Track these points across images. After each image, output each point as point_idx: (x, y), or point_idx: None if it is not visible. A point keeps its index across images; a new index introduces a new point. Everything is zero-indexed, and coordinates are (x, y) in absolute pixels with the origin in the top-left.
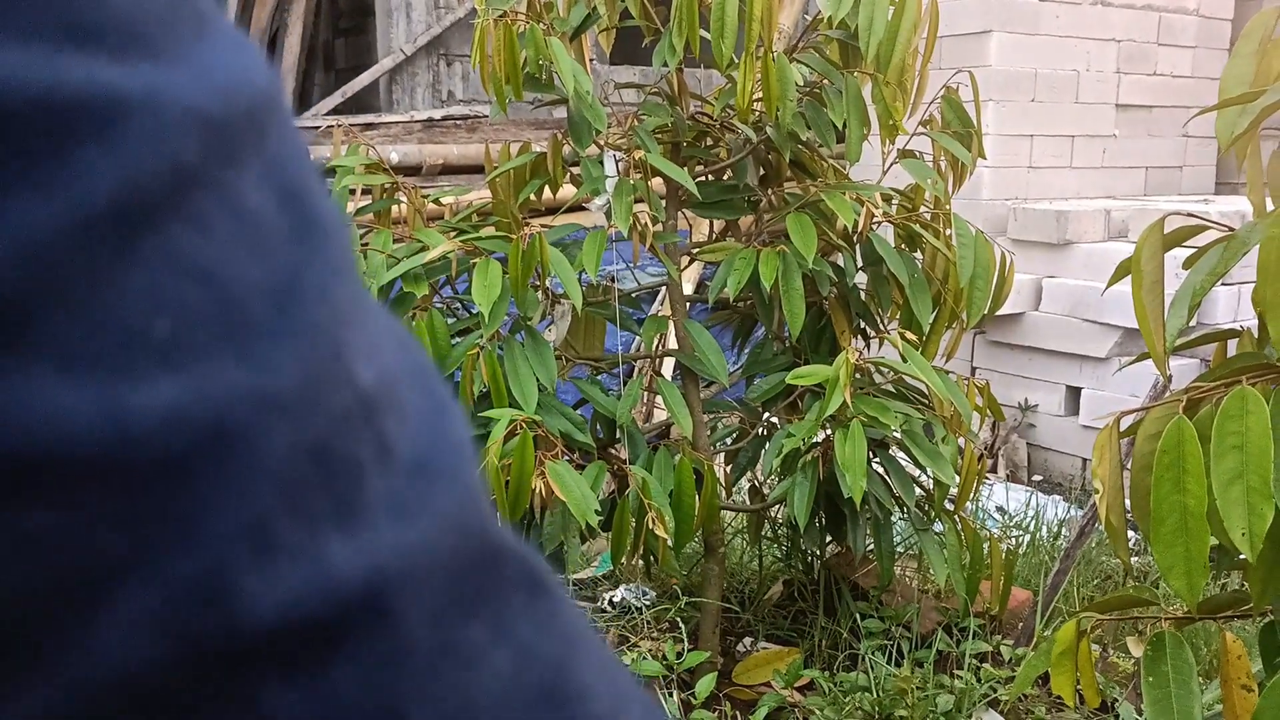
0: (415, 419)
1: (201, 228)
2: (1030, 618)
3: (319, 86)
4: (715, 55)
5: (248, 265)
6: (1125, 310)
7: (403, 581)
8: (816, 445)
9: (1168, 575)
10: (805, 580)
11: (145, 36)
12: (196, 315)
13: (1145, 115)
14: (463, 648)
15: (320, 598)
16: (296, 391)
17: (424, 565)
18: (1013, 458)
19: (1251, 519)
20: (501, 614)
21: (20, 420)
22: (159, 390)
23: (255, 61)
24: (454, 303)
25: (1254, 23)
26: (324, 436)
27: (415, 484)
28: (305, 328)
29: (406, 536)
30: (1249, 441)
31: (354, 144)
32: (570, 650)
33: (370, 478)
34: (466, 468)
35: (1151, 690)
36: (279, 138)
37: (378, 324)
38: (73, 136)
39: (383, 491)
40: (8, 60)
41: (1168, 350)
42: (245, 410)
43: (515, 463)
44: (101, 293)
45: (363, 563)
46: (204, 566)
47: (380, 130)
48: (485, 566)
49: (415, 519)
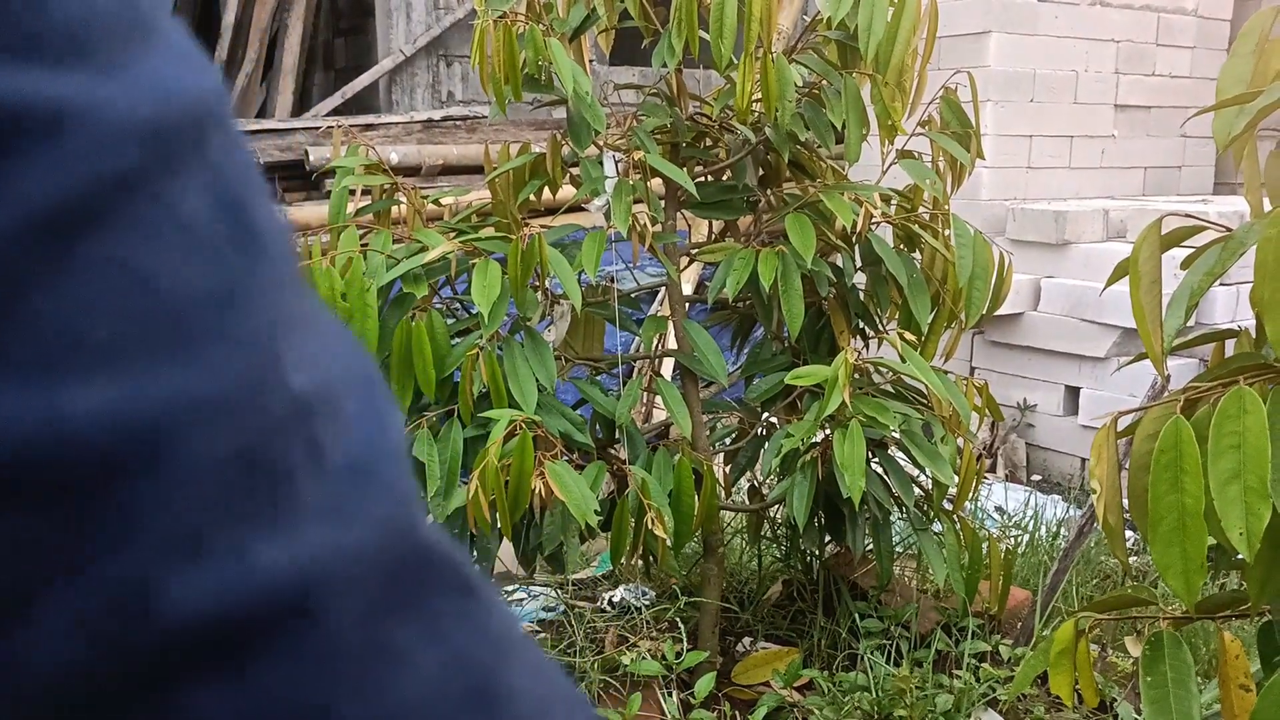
0: (352, 426)
1: (140, 236)
2: (1029, 617)
3: (319, 87)
4: (714, 56)
5: (185, 273)
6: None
7: (331, 583)
8: (815, 445)
9: (1165, 575)
10: (804, 580)
11: (87, 47)
12: (133, 321)
13: (1144, 115)
14: (391, 648)
15: (248, 598)
16: (230, 398)
17: (353, 567)
18: (1011, 458)
19: (1249, 519)
20: (431, 616)
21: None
22: (94, 394)
23: (200, 70)
24: (454, 303)
25: (1251, 23)
26: (256, 442)
27: (348, 489)
28: (241, 335)
29: (336, 539)
30: (1246, 441)
31: (354, 144)
32: (499, 652)
33: (302, 482)
34: (401, 474)
35: (1150, 690)
36: (221, 146)
37: (319, 332)
38: (10, 145)
39: (314, 495)
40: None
41: (1165, 350)
42: (179, 415)
43: (515, 463)
44: (38, 298)
45: (291, 564)
46: (133, 569)
47: (380, 131)
48: (416, 570)
49: (346, 523)
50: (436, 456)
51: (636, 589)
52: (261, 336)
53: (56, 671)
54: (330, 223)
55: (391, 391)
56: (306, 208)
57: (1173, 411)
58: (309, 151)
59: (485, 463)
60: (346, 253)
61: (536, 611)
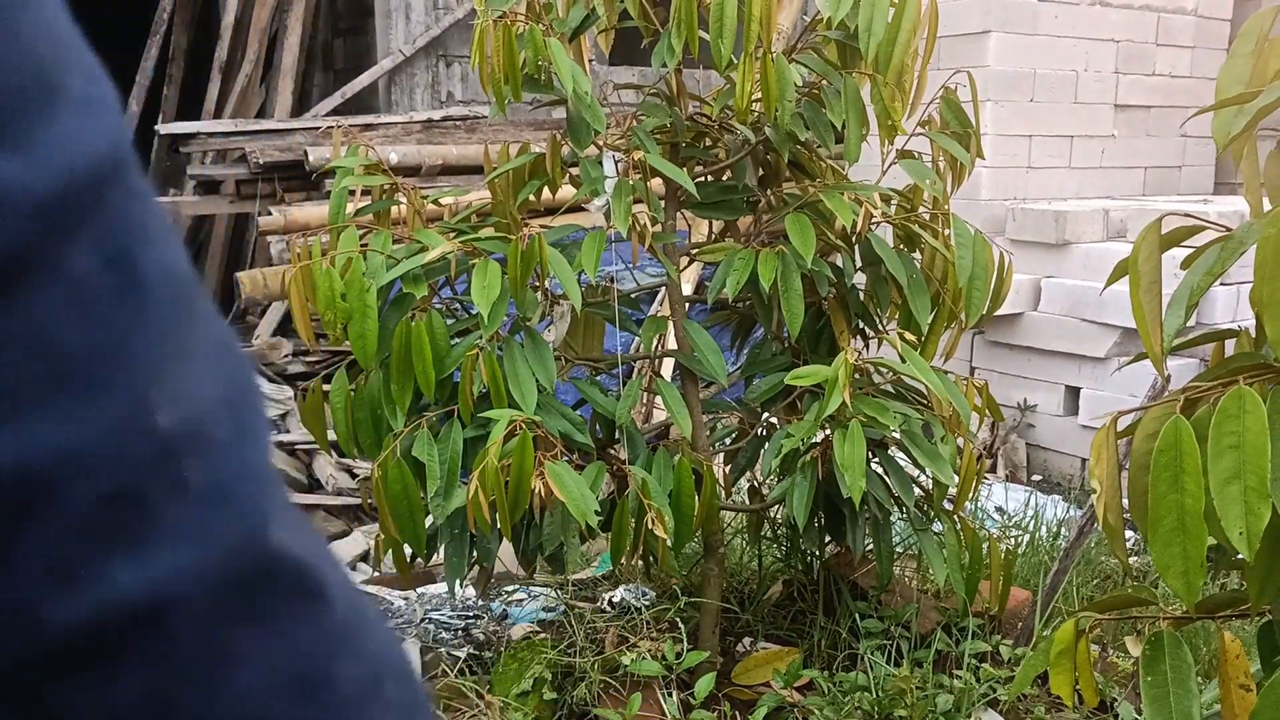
0: (217, 453)
1: (31, 301)
2: (1029, 617)
3: (318, 87)
4: (714, 56)
5: (70, 330)
6: (1124, 310)
7: (178, 598)
8: (815, 445)
9: (1165, 575)
10: (804, 580)
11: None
12: (19, 378)
13: (1144, 115)
14: (230, 649)
15: (107, 614)
16: (104, 445)
17: (198, 584)
18: (1012, 458)
19: (1249, 518)
20: (269, 619)
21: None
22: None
23: (102, 119)
24: (453, 303)
25: (1250, 23)
26: (125, 480)
27: (204, 513)
28: (116, 385)
29: (186, 561)
30: (1246, 441)
31: (353, 145)
32: (333, 645)
33: (163, 512)
34: (259, 491)
35: (1150, 690)
36: (117, 201)
37: (200, 359)
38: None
39: (173, 522)
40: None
41: (1165, 350)
42: (52, 463)
43: (515, 463)
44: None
45: (144, 584)
46: (9, 595)
47: (379, 131)
48: (257, 581)
49: (197, 545)
50: (436, 456)
51: (637, 589)
52: (137, 383)
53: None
54: (330, 223)
55: (256, 407)
56: (306, 208)
57: (1173, 411)
58: (309, 152)
59: (485, 463)
60: (346, 253)
61: (536, 611)
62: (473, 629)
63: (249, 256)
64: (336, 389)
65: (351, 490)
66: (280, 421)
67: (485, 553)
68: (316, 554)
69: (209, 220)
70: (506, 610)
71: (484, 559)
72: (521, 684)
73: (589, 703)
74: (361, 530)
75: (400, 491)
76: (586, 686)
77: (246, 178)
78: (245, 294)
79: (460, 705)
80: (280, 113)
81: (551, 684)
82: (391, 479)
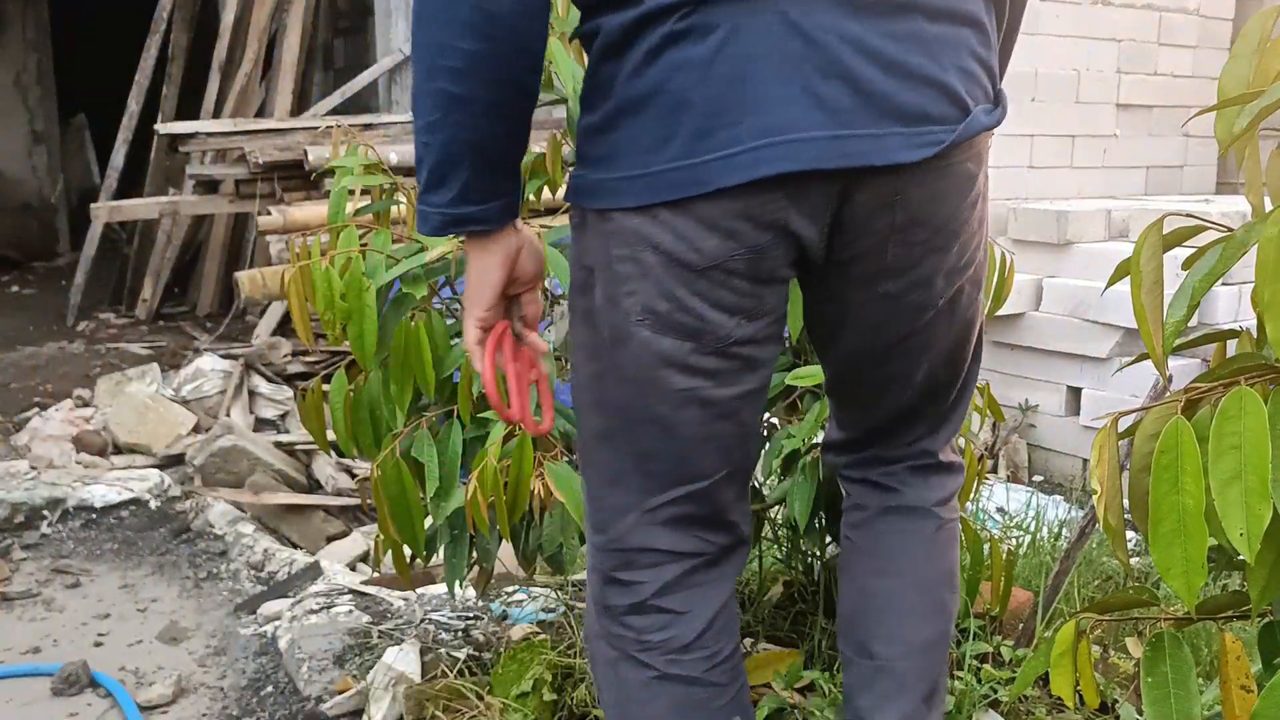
0: None
1: None
2: (1031, 618)
3: (318, 86)
4: None
5: None
6: (1125, 310)
7: None
8: (816, 446)
9: (1166, 576)
10: (805, 581)
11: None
12: None
13: (1146, 115)
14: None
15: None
16: None
17: None
18: (1013, 458)
19: (1249, 519)
20: None
21: None
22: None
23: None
24: (453, 303)
25: (1252, 23)
26: None
27: None
28: None
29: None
30: (1247, 442)
31: (353, 144)
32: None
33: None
34: None
35: (1151, 691)
36: None
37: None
38: None
39: None
40: None
41: (1167, 351)
42: None
43: (514, 464)
44: None
45: None
46: None
47: (379, 130)
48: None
49: None
50: (436, 457)
51: None
52: None
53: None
54: (329, 223)
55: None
56: (306, 207)
57: (1173, 412)
58: (308, 151)
59: (484, 463)
60: (346, 253)
61: (536, 612)
62: (472, 630)
63: (248, 256)
64: (336, 389)
65: (351, 490)
66: (280, 422)
67: (485, 553)
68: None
69: (208, 220)
70: (506, 611)
71: (483, 560)
72: (521, 685)
73: (589, 704)
74: (361, 531)
75: (399, 492)
76: (586, 687)
77: (246, 177)
78: (244, 294)
79: (460, 706)
80: (280, 112)
81: (551, 685)
82: (390, 479)
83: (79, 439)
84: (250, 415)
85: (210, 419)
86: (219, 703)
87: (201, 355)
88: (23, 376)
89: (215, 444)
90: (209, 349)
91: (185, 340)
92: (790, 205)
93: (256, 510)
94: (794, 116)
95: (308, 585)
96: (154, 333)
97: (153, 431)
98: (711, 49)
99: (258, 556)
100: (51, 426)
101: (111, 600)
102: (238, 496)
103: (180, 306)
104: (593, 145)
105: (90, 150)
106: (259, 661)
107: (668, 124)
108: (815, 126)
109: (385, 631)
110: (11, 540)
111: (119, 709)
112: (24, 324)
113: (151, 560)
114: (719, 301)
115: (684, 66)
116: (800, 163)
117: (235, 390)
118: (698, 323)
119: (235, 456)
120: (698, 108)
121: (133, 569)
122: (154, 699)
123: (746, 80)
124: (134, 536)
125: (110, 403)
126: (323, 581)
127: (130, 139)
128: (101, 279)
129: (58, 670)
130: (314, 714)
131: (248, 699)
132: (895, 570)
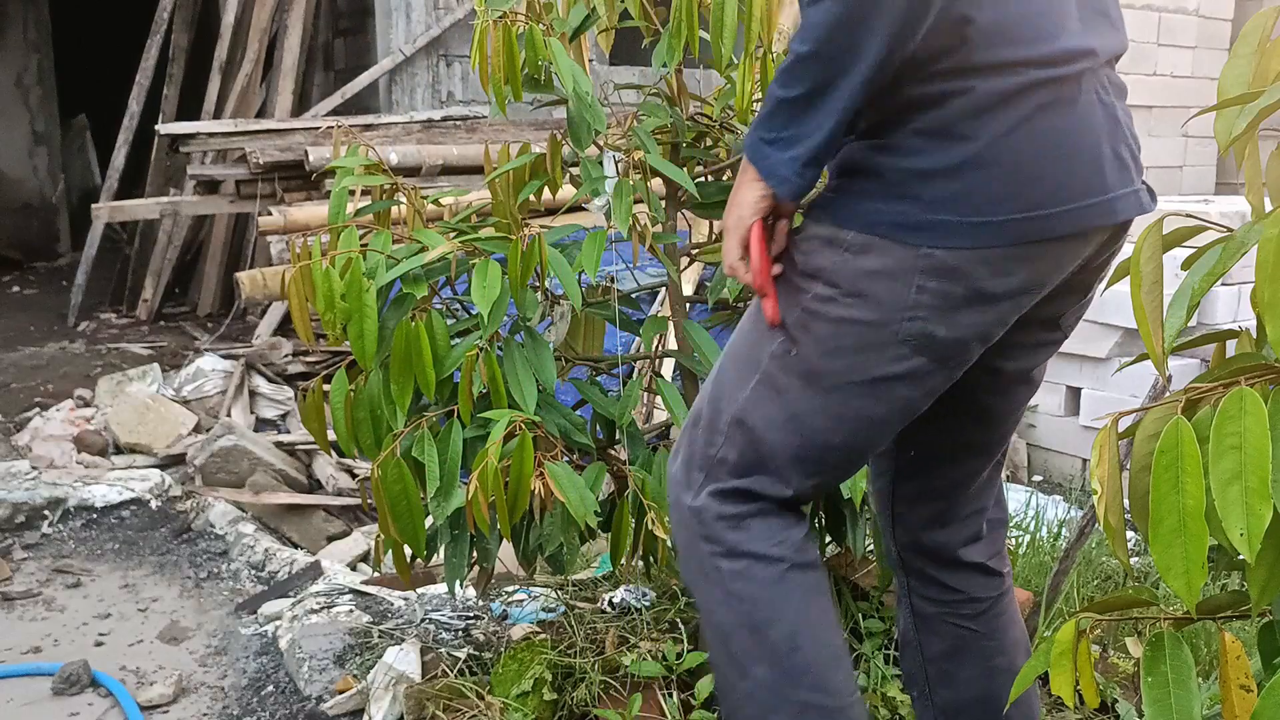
0: None
1: None
2: (1031, 618)
3: (319, 87)
4: (714, 56)
5: None
6: (1125, 310)
7: None
8: None
9: (1166, 575)
10: None
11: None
12: None
13: (1145, 115)
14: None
15: None
16: None
17: None
18: (1013, 458)
19: (1250, 519)
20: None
21: None
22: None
23: None
24: (453, 304)
25: (1252, 23)
26: None
27: None
28: None
29: None
30: (1247, 442)
31: (353, 145)
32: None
33: None
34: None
35: (1151, 690)
36: None
37: None
38: None
39: None
40: None
41: (1166, 351)
42: None
43: (514, 464)
44: None
45: None
46: None
47: (380, 131)
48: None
49: None
50: (436, 457)
51: (637, 590)
52: None
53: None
54: (330, 223)
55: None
56: (306, 208)
57: (1173, 412)
58: (309, 151)
59: (485, 463)
60: (346, 253)
61: (536, 612)
62: (473, 629)
63: (249, 256)
64: (336, 389)
65: (351, 490)
66: (280, 422)
67: (485, 553)
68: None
69: (209, 220)
70: (506, 611)
71: (484, 559)
72: (521, 684)
73: (589, 704)
74: (361, 531)
75: (400, 492)
76: (586, 687)
77: (246, 178)
78: (245, 294)
79: (460, 705)
80: (280, 113)
81: (551, 685)
82: (391, 479)
83: (80, 439)
84: (251, 415)
85: (211, 419)
86: (219, 702)
87: (202, 355)
88: (24, 376)
89: (216, 444)
90: (210, 349)
91: (186, 340)
92: (1078, 251)
93: (257, 510)
94: (1111, 179)
95: (308, 585)
96: (155, 333)
97: (153, 431)
98: (1071, 122)
99: (258, 556)
100: (52, 426)
101: (112, 600)
102: (238, 496)
103: (181, 306)
104: (926, 187)
105: (91, 150)
106: (259, 661)
107: (1017, 181)
108: (1119, 186)
109: (386, 631)
110: (12, 540)
111: (120, 709)
112: (25, 324)
113: (152, 560)
114: (985, 335)
115: (1049, 133)
116: (1114, 217)
117: (236, 390)
118: (959, 351)
119: (236, 456)
120: (1048, 171)
121: (133, 569)
122: (155, 699)
123: (1083, 149)
124: (135, 536)
125: (111, 403)
126: (323, 581)
127: (131, 139)
128: (102, 279)
129: (58, 670)
130: (314, 713)
131: (248, 698)
132: (1012, 642)
